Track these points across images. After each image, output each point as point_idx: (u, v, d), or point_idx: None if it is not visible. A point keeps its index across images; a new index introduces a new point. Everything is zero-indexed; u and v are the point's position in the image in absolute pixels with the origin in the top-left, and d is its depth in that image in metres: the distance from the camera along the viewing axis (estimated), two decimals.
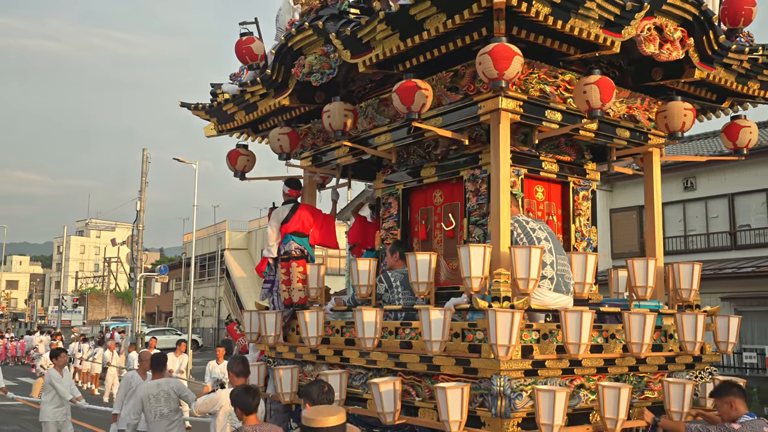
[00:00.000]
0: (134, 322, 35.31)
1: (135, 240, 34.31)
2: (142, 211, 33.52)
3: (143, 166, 33.15)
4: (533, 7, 4.53)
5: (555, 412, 4.51)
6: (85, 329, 54.48)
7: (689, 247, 22.81)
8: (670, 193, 23.16)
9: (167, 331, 47.06)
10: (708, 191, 22.22)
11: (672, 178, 22.73)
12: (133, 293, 36.58)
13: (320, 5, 5.91)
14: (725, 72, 5.75)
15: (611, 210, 24.43)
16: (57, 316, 64.55)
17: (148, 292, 53.84)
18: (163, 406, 7.91)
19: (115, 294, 76.87)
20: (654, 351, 5.64)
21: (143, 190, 33.25)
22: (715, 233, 22.20)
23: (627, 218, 24.06)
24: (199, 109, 7.35)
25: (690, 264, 5.86)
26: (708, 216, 22.36)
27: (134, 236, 34.46)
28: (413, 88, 5.16)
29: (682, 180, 22.74)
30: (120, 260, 70.71)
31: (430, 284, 5.32)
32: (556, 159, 6.13)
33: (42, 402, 10.55)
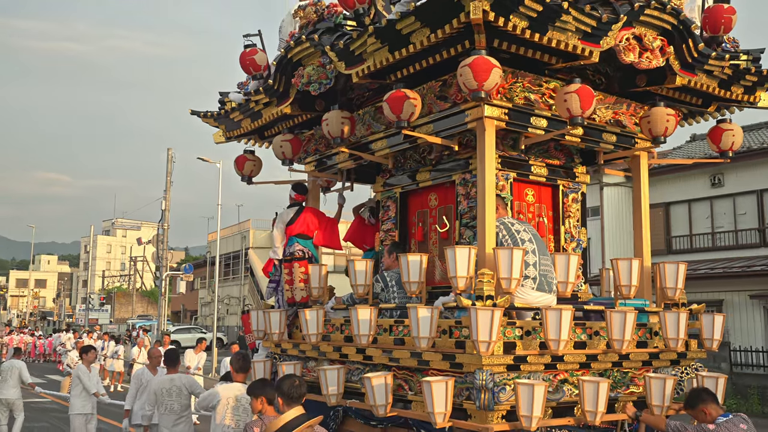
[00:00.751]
0: (160, 321, 35.91)
1: (160, 239, 34.83)
2: (167, 210, 34.01)
3: (168, 166, 33.67)
4: (510, 22, 4.79)
5: (534, 405, 4.76)
6: (111, 327, 55.38)
7: (717, 244, 22.75)
8: (697, 190, 23.07)
9: (192, 329, 47.68)
10: (736, 187, 22.11)
11: (699, 175, 22.67)
12: (159, 292, 37.16)
13: (317, 19, 6.20)
14: (707, 78, 5.96)
15: None
16: (84, 314, 65.62)
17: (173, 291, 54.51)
18: (174, 401, 8.20)
19: (141, 293, 77.72)
20: (639, 348, 5.88)
21: (168, 190, 33.74)
22: (744, 230, 22.12)
23: (653, 216, 23.84)
24: (208, 117, 7.68)
25: (675, 264, 6.08)
26: (736, 212, 22.26)
27: (159, 235, 34.99)
28: (402, 98, 5.44)
29: (710, 176, 22.64)
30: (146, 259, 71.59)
31: (421, 284, 5.59)
32: (545, 163, 6.37)
33: (71, 396, 10.99)
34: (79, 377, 10.83)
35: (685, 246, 23.70)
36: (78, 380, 10.85)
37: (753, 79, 6.18)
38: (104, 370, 24.25)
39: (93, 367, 11.28)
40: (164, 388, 8.21)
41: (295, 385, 5.14)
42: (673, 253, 23.58)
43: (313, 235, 7.16)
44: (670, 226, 24.00)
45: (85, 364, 11.01)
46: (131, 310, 68.38)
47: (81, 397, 10.83)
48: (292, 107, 6.61)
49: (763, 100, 6.41)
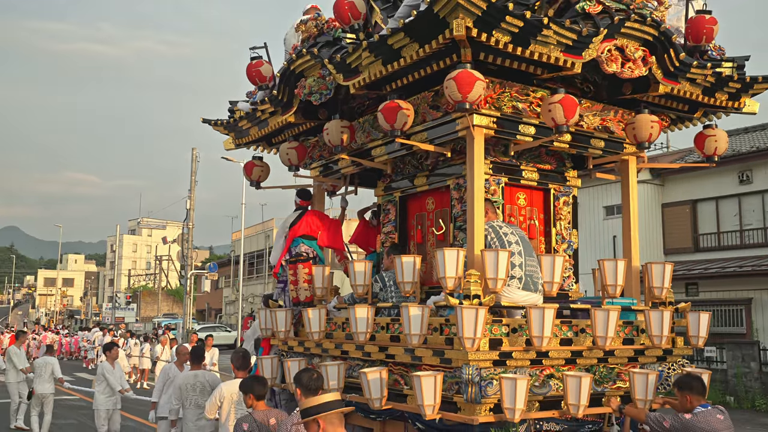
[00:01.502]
0: (185, 319, 36.32)
1: (185, 238, 35.21)
2: (191, 209, 34.41)
3: (192, 166, 34.12)
4: (493, 37, 5.09)
5: (517, 398, 5.06)
6: (137, 326, 56.17)
7: (745, 241, 22.57)
8: (724, 187, 22.79)
9: (217, 328, 48.26)
10: (765, 184, 21.97)
11: (727, 172, 22.37)
12: (184, 290, 37.61)
13: (318, 32, 6.53)
14: (691, 86, 6.20)
15: (663, 205, 24.19)
16: (111, 313, 66.51)
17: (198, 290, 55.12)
18: (198, 396, 8.57)
19: (166, 291, 78.40)
20: (625, 344, 6.15)
21: (193, 189, 34.17)
22: None
23: (680, 213, 23.83)
24: (218, 125, 8.05)
25: (662, 264, 6.34)
26: (765, 210, 22.11)
27: (184, 234, 35.35)
28: (396, 108, 5.75)
29: (738, 173, 22.42)
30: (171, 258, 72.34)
31: (415, 284, 5.91)
32: (536, 167, 6.65)
33: (95, 392, 11.43)
34: (104, 374, 11.27)
35: (712, 244, 23.47)
36: (102, 377, 11.29)
37: (736, 86, 6.41)
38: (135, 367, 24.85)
39: (117, 363, 11.72)
40: (189, 384, 8.57)
41: (313, 378, 5.48)
42: (701, 251, 23.42)
43: (317, 235, 7.49)
44: (697, 223, 23.74)
45: (109, 361, 11.45)
46: (157, 308, 69.16)
47: (105, 393, 11.26)
48: (295, 116, 6.94)
49: (747, 105, 6.63)
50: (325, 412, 4.18)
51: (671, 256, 23.29)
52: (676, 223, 23.87)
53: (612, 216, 24.04)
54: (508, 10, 4.99)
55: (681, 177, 23.39)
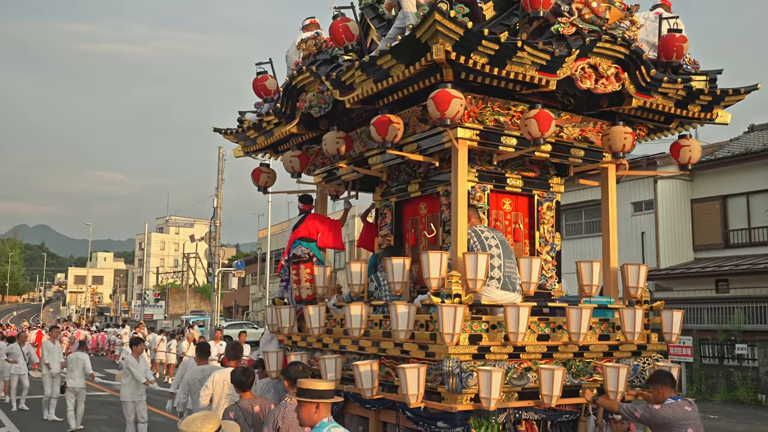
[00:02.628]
0: (213, 316, 37.01)
1: (212, 236, 35.92)
2: (218, 207, 35.06)
3: (219, 164, 34.76)
4: (471, 59, 5.58)
5: (492, 388, 5.55)
6: (166, 323, 57.16)
7: None
8: (755, 182, 22.74)
9: (244, 325, 49.02)
10: None
11: (757, 167, 22.37)
12: (212, 288, 38.28)
13: (317, 51, 7.07)
14: (663, 99, 6.63)
15: (692, 200, 24.02)
16: (140, 310, 67.63)
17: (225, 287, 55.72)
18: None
19: (194, 289, 79.33)
20: (601, 340, 6.61)
21: (219, 188, 34.80)
22: None
23: (710, 209, 23.67)
24: (228, 134, 8.62)
25: (637, 265, 6.79)
26: None
27: (211, 232, 36.03)
28: (387, 122, 6.26)
29: None
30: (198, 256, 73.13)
31: (404, 283, 6.41)
32: (521, 175, 7.11)
33: (122, 385, 12.12)
34: (129, 368, 11.96)
35: (743, 240, 23.38)
36: (128, 371, 11.96)
37: (708, 99, 6.82)
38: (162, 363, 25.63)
39: (142, 357, 12.40)
40: (196, 378, 9.14)
41: (299, 371, 6.02)
42: (731, 248, 23.34)
43: (317, 237, 8.01)
44: (727, 219, 23.58)
45: (134, 355, 12.14)
46: (184, 305, 70.15)
47: (130, 385, 11.95)
48: (298, 127, 7.48)
49: (720, 116, 7.05)
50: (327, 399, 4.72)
51: (701, 252, 23.32)
52: (706, 218, 23.76)
53: (640, 212, 24.06)
54: (484, 35, 5.47)
55: (711, 172, 23.26)
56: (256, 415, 6.17)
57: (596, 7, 6.11)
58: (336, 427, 4.57)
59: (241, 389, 6.36)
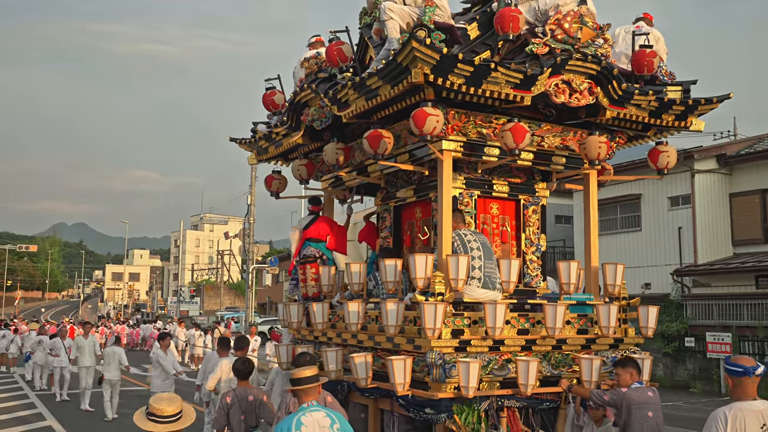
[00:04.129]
0: (247, 312, 37.69)
1: (246, 233, 36.58)
2: (252, 205, 35.54)
3: None
4: (449, 80, 6.16)
5: (470, 377, 6.13)
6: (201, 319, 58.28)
7: None
8: None
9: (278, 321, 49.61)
10: None
11: None
12: (246, 284, 38.99)
13: (318, 69, 7.70)
14: (637, 110, 7.15)
15: (731, 194, 23.49)
16: (176, 306, 68.89)
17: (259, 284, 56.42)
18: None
19: (228, 285, 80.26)
20: (579, 334, 7.15)
21: (253, 185, 35.29)
22: None
23: (749, 203, 23.10)
24: (243, 144, 9.31)
25: (614, 265, 7.33)
26: None
27: (245, 229, 36.63)
28: (379, 136, 6.87)
29: None
30: (232, 253, 73.98)
31: (397, 282, 7.02)
32: (507, 181, 7.68)
33: (152, 377, 12.91)
34: (159, 361, 12.76)
35: None
36: (158, 363, 12.76)
37: (681, 108, 7.31)
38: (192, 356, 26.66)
39: (169, 350, 13.19)
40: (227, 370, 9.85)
41: (307, 360, 6.65)
42: None
43: (326, 239, 8.65)
44: (767, 213, 22.87)
45: (163, 349, 12.93)
46: (219, 302, 71.21)
47: (160, 377, 12.75)
48: (303, 138, 8.14)
49: (694, 124, 7.53)
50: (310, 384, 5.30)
51: (740, 247, 22.91)
52: (745, 213, 23.21)
53: (677, 207, 23.78)
54: (458, 59, 6.05)
55: (750, 166, 22.84)
56: (249, 404, 6.80)
57: (568, 28, 6.63)
58: (316, 411, 4.99)
59: (239, 377, 7.02)
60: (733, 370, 4.66)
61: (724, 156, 23.29)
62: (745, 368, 4.62)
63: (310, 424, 4.83)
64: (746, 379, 4.62)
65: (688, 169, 23.04)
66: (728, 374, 4.70)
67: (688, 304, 22.45)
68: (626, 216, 25.47)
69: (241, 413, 6.73)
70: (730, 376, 4.69)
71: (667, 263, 23.61)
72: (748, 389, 4.62)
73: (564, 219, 28.96)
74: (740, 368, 4.63)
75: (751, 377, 4.61)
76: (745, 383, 4.63)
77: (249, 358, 7.40)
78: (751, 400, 4.59)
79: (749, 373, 4.61)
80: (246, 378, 7.04)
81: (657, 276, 23.84)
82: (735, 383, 4.66)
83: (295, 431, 4.79)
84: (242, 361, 7.12)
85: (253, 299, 39.24)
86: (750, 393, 4.62)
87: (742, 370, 4.62)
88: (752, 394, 4.62)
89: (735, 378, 4.66)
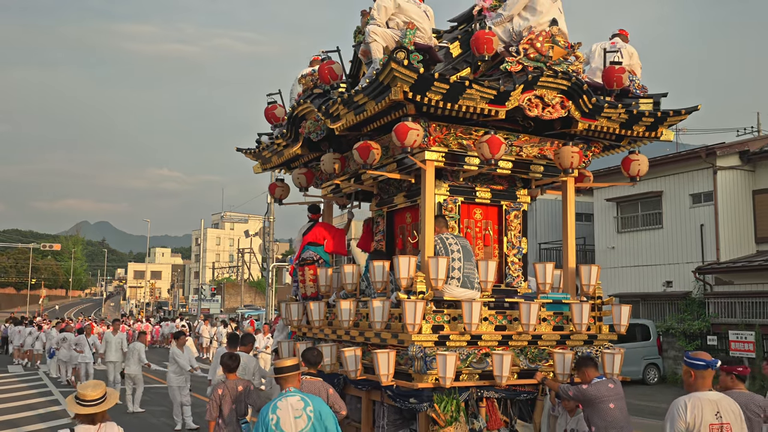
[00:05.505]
0: (267, 310, 38.28)
1: (266, 231, 37.30)
2: (272, 203, 36.22)
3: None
4: (426, 97, 6.73)
5: (447, 369, 6.71)
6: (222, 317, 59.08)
7: None
8: None
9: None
10: None
11: None
12: (266, 282, 39.62)
13: (313, 86, 8.30)
14: (608, 122, 7.68)
15: (754, 191, 23.26)
16: (197, 304, 69.71)
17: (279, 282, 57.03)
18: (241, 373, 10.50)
19: (248, 283, 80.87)
20: (555, 331, 7.69)
21: None
22: None
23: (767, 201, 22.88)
24: (249, 153, 9.95)
25: (589, 266, 7.87)
26: None
27: (265, 228, 37.32)
28: (368, 147, 7.46)
29: None
30: (253, 251, 74.60)
31: (385, 282, 7.60)
32: (490, 188, 8.22)
33: (168, 372, 13.62)
34: (175, 358, 13.48)
35: None
36: (174, 360, 13.46)
37: (650, 120, 7.83)
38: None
39: (186, 347, 13.88)
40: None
41: (314, 354, 7.26)
42: None
43: (323, 242, 9.27)
44: None
45: (179, 346, 13.63)
46: (240, 300, 71.95)
47: (176, 372, 13.46)
48: (302, 149, 8.76)
49: (664, 134, 8.05)
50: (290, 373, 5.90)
51: (763, 244, 22.75)
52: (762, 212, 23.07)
53: (699, 204, 23.60)
54: (434, 78, 6.63)
55: None
56: (239, 394, 7.43)
57: (540, 47, 7.18)
58: (292, 396, 5.63)
59: (227, 371, 7.65)
60: (697, 363, 5.13)
61: (747, 152, 23.09)
62: (707, 362, 5.11)
63: (284, 407, 5.56)
64: (707, 371, 5.12)
65: (710, 165, 22.93)
66: (691, 368, 5.14)
67: (710, 302, 22.43)
68: (647, 213, 25.32)
69: (232, 403, 7.35)
70: (693, 369, 5.13)
71: (688, 261, 23.57)
72: (706, 381, 5.12)
73: (584, 217, 29.01)
74: (703, 362, 5.12)
75: (711, 370, 5.12)
76: (705, 375, 5.12)
77: (237, 354, 8.04)
78: (707, 390, 5.10)
79: (711, 366, 5.10)
80: (233, 371, 7.66)
81: (678, 274, 23.89)
82: (697, 375, 5.11)
83: (271, 414, 5.52)
84: (229, 356, 7.75)
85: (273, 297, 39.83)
86: (707, 384, 5.11)
87: (704, 364, 5.11)
88: (708, 386, 5.11)
89: (697, 371, 5.12)
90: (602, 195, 26.69)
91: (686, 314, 22.76)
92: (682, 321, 22.59)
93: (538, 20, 7.33)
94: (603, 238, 26.92)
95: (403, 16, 7.34)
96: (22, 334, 27.46)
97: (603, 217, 27.01)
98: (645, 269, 25.16)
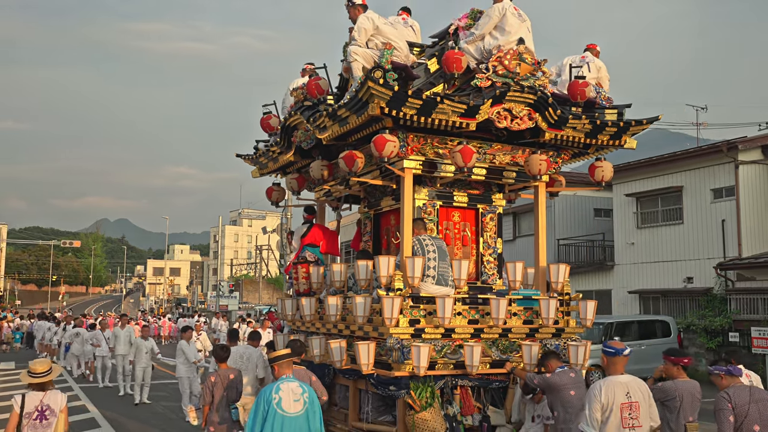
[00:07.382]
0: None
1: (284, 228, 38.00)
2: (289, 199, 37.04)
3: None
4: (402, 112, 7.40)
5: (421, 359, 7.37)
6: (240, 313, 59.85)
7: None
8: None
9: None
10: None
11: None
12: (284, 279, 40.44)
13: (303, 98, 8.99)
14: (573, 132, 8.30)
15: None
16: (215, 301, 70.56)
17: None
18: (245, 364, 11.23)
19: (266, 280, 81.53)
20: (525, 324, 8.34)
21: None
22: None
23: None
24: (247, 159, 10.68)
25: (557, 265, 8.50)
26: None
27: (283, 224, 38.00)
28: (352, 156, 8.14)
29: None
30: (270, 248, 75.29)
31: (368, 280, 8.29)
32: (467, 193, 8.88)
33: (177, 364, 14.41)
34: (182, 350, 14.25)
35: None
36: (181, 352, 14.25)
37: (613, 129, 8.45)
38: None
39: (192, 341, 14.66)
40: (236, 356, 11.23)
41: (298, 345, 7.98)
42: None
43: (320, 244, 9.99)
44: None
45: (186, 340, 14.40)
46: (258, 296, 72.68)
47: (185, 364, 14.24)
48: (294, 156, 9.47)
49: (627, 143, 8.67)
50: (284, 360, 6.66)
51: None
52: None
53: (720, 199, 23.26)
54: (408, 94, 7.30)
55: None
56: (231, 381, 8.16)
57: (508, 64, 7.83)
58: (292, 381, 6.49)
59: (219, 360, 8.38)
60: (609, 351, 5.87)
61: None
62: (616, 350, 5.83)
63: (286, 390, 6.44)
64: (617, 358, 5.83)
65: (731, 160, 22.67)
66: (604, 354, 5.90)
67: (732, 299, 22.10)
68: (667, 209, 24.99)
69: (223, 390, 8.08)
70: (606, 356, 5.89)
71: (709, 257, 23.26)
72: (618, 366, 5.83)
73: (603, 212, 29.01)
74: (613, 350, 5.84)
75: (620, 357, 5.82)
76: (616, 361, 5.84)
77: (227, 345, 8.79)
78: (619, 375, 5.80)
79: (619, 353, 5.82)
80: (224, 361, 8.39)
81: (699, 270, 23.60)
82: (609, 362, 5.86)
83: (275, 394, 6.38)
84: (221, 347, 8.51)
85: None
86: (619, 369, 5.83)
87: (614, 351, 5.83)
88: (621, 371, 5.83)
89: (610, 357, 5.86)
90: (621, 190, 26.42)
91: (707, 311, 22.53)
92: (703, 317, 22.36)
93: (507, 39, 7.97)
94: (622, 233, 26.64)
95: (381, 37, 8.02)
96: (41, 328, 28.73)
97: (622, 213, 26.64)
98: (665, 265, 24.93)
